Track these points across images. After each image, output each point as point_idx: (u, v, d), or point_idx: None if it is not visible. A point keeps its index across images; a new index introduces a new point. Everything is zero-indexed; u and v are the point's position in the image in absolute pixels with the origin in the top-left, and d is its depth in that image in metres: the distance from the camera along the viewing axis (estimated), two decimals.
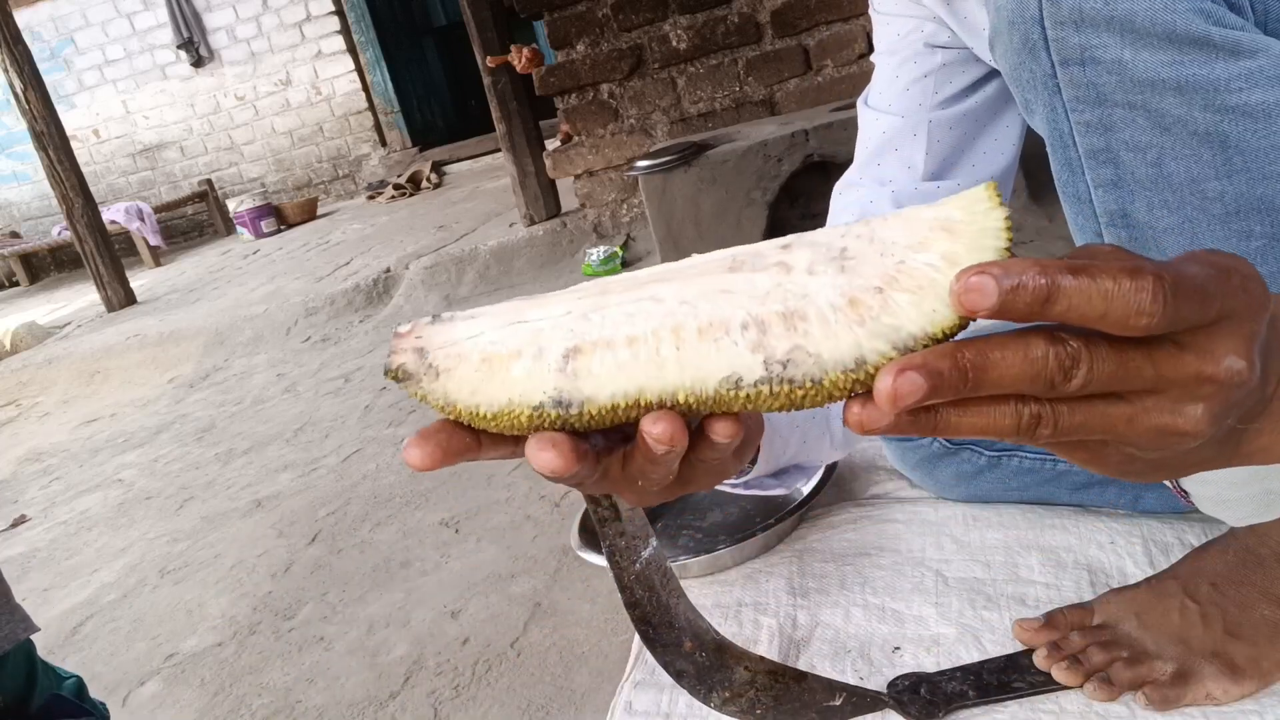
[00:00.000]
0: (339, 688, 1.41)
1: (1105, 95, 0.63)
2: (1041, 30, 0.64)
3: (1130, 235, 0.66)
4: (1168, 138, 0.62)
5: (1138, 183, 0.65)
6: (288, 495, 2.23)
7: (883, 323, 0.37)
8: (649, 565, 0.84)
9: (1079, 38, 0.62)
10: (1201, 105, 0.60)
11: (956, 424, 0.38)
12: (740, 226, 2.77)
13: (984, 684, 0.82)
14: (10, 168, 8.55)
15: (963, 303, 0.34)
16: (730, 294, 0.39)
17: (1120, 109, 0.63)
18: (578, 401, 0.39)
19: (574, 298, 0.42)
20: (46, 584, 2.14)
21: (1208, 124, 0.61)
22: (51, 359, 4.43)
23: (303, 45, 7.68)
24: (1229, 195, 0.62)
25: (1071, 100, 0.65)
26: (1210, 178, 0.62)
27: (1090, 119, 0.65)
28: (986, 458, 1.10)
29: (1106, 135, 0.65)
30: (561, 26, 3.40)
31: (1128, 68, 0.61)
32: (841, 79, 3.24)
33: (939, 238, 0.37)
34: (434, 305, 3.74)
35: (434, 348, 0.42)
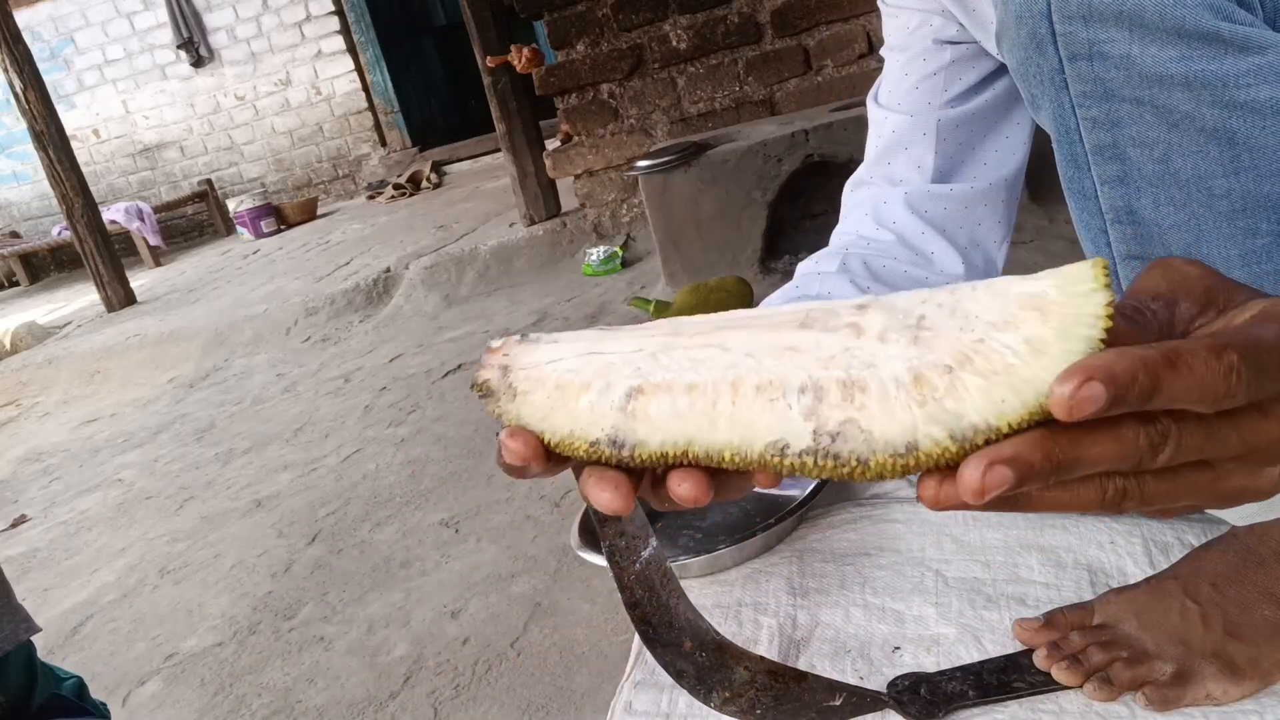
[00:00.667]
0: (339, 688, 1.41)
1: (1113, 91, 0.62)
2: (1049, 25, 0.63)
3: (1136, 231, 0.66)
4: (1175, 134, 0.62)
5: (1144, 179, 0.64)
6: (288, 495, 2.23)
7: (945, 407, 0.35)
8: (649, 565, 0.85)
9: (1087, 32, 0.61)
10: (1210, 101, 0.60)
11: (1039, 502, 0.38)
12: (740, 226, 2.77)
13: (984, 684, 0.82)
14: (10, 168, 8.54)
15: (1070, 411, 0.33)
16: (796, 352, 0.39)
17: (1128, 104, 0.62)
18: (630, 444, 0.41)
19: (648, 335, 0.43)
20: (46, 584, 2.14)
21: (1216, 120, 0.60)
22: (51, 359, 4.43)
23: (303, 45, 7.68)
24: (1235, 192, 0.62)
25: (1079, 95, 0.64)
26: (1217, 175, 0.62)
27: (1097, 114, 0.64)
28: None
29: (1113, 131, 0.64)
30: (561, 26, 3.40)
31: (1136, 63, 0.61)
32: (841, 79, 3.24)
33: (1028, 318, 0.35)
34: (434, 305, 3.74)
35: (517, 368, 0.44)
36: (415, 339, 3.37)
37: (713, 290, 2.47)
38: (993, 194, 0.95)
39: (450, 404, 2.55)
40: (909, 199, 0.95)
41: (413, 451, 2.27)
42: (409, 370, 2.99)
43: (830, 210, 3.20)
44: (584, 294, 3.25)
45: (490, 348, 0.45)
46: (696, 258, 2.83)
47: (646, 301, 2.56)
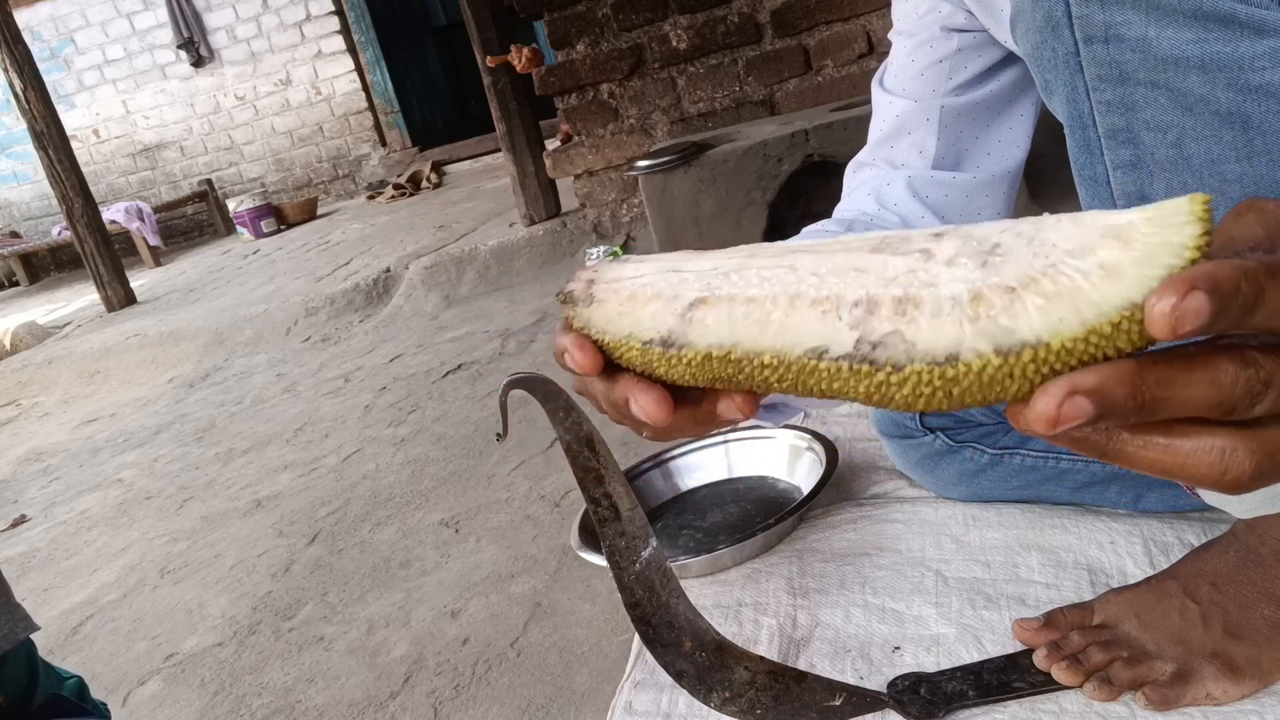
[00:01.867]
0: (339, 688, 1.41)
1: (1128, 74, 0.63)
2: (1065, 7, 0.63)
3: None
4: (1189, 118, 0.62)
5: (1157, 164, 0.64)
6: (288, 495, 2.23)
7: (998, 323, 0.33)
8: (649, 565, 0.85)
9: (1104, 14, 0.62)
10: (1225, 84, 0.60)
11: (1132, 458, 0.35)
12: (740, 226, 2.77)
13: (984, 684, 0.82)
14: (10, 168, 8.54)
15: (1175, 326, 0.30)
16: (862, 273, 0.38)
17: (1142, 88, 0.63)
18: (679, 345, 0.42)
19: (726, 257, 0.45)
20: (46, 584, 2.14)
21: (1230, 104, 0.60)
22: (51, 359, 4.43)
23: (303, 45, 7.68)
24: (1248, 177, 0.62)
25: (1093, 79, 0.64)
26: (1230, 160, 0.62)
27: (1111, 98, 0.64)
28: (989, 456, 1.10)
29: (1127, 115, 0.64)
30: (561, 26, 3.40)
31: (1152, 45, 0.61)
32: (841, 79, 3.24)
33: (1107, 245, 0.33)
34: (434, 305, 3.74)
35: (602, 281, 0.47)
36: (415, 339, 3.37)
37: None
38: (994, 186, 0.95)
39: (450, 404, 2.55)
40: (911, 182, 0.95)
41: (413, 451, 2.26)
42: (409, 370, 2.99)
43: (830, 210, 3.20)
44: None
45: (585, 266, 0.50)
46: None
47: None
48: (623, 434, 2.00)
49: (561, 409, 0.89)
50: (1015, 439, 1.10)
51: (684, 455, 1.58)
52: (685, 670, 0.84)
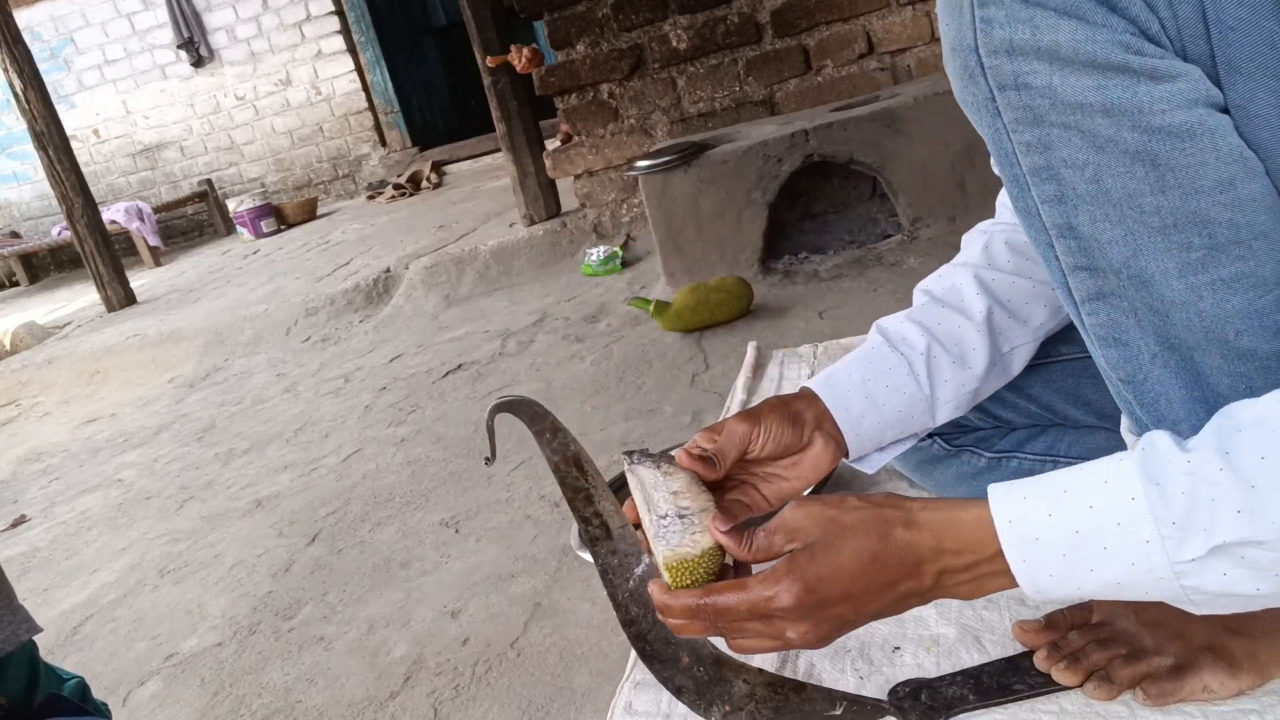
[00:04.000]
0: (339, 688, 1.41)
1: (1041, 117, 0.66)
2: (978, 57, 0.67)
3: (1078, 245, 0.70)
4: (1102, 156, 0.65)
5: (1079, 198, 0.68)
6: (288, 495, 2.23)
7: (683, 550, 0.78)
8: (642, 582, 0.85)
9: (1011, 65, 0.65)
10: (1129, 126, 0.63)
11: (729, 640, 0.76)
12: (740, 226, 2.77)
13: (984, 687, 0.82)
14: (10, 168, 8.54)
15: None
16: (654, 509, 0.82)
17: (1056, 129, 0.66)
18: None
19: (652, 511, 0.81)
20: (46, 584, 2.14)
21: (1137, 143, 0.64)
22: (51, 359, 4.43)
23: (303, 45, 7.68)
24: (1165, 209, 0.65)
25: (1012, 122, 0.68)
26: (1146, 193, 0.65)
27: (1030, 139, 0.68)
28: (986, 459, 1.11)
29: (1046, 154, 0.68)
30: (561, 26, 3.40)
31: (1058, 92, 0.65)
32: (841, 79, 3.24)
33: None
34: (434, 305, 3.74)
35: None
36: (415, 339, 3.37)
37: (713, 290, 2.47)
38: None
39: (450, 404, 2.55)
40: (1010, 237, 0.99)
41: (413, 451, 2.27)
42: (409, 370, 2.99)
43: (830, 210, 3.21)
44: (584, 294, 3.26)
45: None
46: (696, 258, 2.83)
47: (646, 302, 2.56)
48: (623, 433, 2.00)
49: (548, 431, 0.89)
50: (1012, 442, 1.10)
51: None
52: (684, 685, 0.85)
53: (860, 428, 0.93)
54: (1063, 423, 1.08)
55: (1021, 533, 0.64)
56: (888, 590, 0.69)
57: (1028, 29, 0.64)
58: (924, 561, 0.68)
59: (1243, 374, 0.69)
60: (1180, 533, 0.59)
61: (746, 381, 1.90)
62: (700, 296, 2.46)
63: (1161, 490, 0.60)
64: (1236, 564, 0.58)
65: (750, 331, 2.36)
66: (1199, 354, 0.69)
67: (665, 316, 2.50)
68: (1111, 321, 0.72)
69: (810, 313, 2.42)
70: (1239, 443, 0.59)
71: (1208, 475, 0.58)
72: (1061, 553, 0.63)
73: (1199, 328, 0.68)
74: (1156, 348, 0.71)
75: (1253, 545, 0.57)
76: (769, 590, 0.70)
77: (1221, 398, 0.69)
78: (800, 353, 2.00)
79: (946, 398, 0.95)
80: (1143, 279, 0.68)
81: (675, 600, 0.74)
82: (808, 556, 0.70)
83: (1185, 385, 0.71)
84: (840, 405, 0.93)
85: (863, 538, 0.69)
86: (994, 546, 0.65)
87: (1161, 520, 0.59)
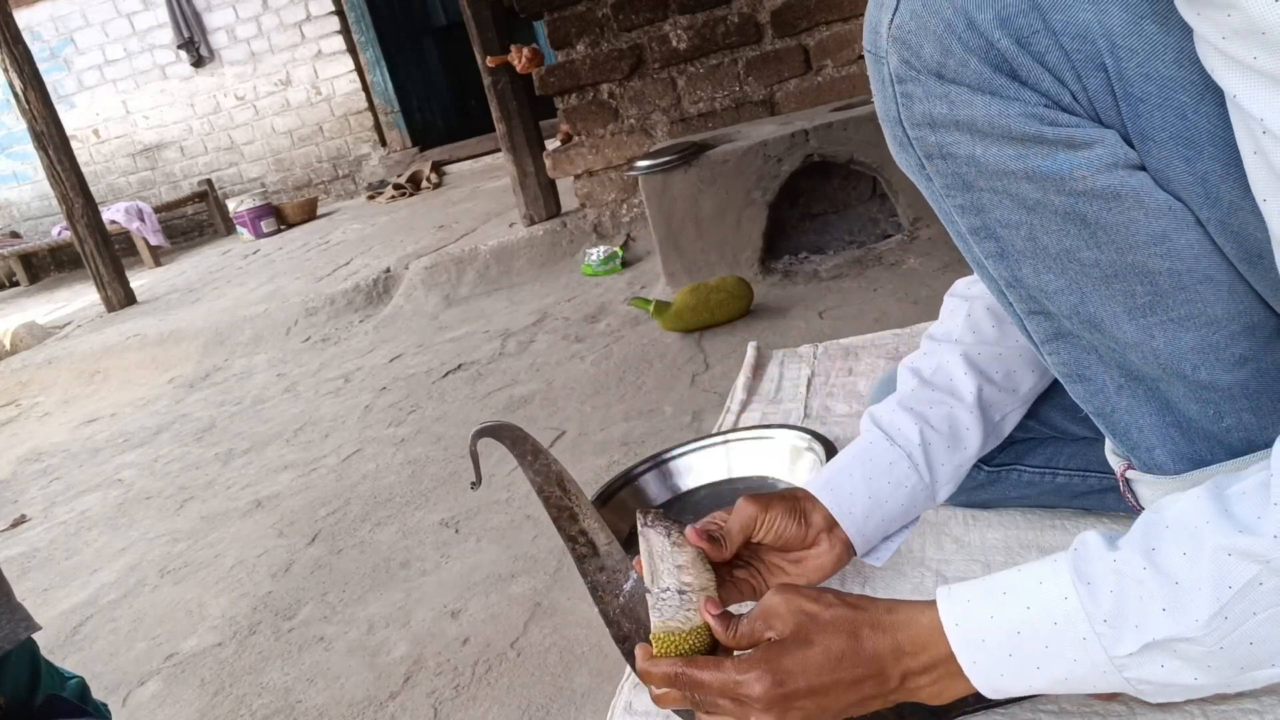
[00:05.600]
0: (339, 688, 1.41)
1: (969, 183, 0.68)
2: (903, 129, 0.69)
3: (1027, 294, 0.72)
4: (1034, 216, 0.67)
5: (1019, 253, 0.70)
6: (288, 495, 2.23)
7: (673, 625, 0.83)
8: (632, 598, 0.86)
9: (935, 136, 0.67)
10: (1055, 190, 0.65)
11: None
12: (740, 226, 2.77)
13: None
14: (10, 168, 8.54)
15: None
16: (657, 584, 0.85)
17: (986, 193, 0.68)
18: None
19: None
20: (46, 584, 2.14)
21: (1065, 206, 0.65)
22: (51, 359, 4.43)
23: (303, 45, 7.68)
24: (1104, 262, 0.66)
25: (943, 187, 0.70)
26: (1083, 248, 0.66)
27: (963, 202, 0.70)
28: (986, 472, 1.11)
29: (981, 215, 0.69)
30: (561, 26, 3.40)
31: (980, 161, 0.66)
32: (841, 79, 3.24)
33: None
34: (434, 305, 3.74)
35: None
36: (415, 339, 3.37)
37: (713, 290, 2.47)
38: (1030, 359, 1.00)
39: (450, 404, 2.55)
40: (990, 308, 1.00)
41: (413, 451, 2.27)
42: (409, 370, 2.99)
43: (830, 210, 3.21)
44: (584, 294, 3.26)
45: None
46: (696, 258, 2.83)
47: (646, 302, 2.56)
48: (623, 433, 2.00)
49: (529, 453, 0.90)
50: (1011, 455, 1.10)
51: (684, 456, 1.57)
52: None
53: (866, 528, 0.94)
54: (1060, 436, 1.08)
55: (968, 635, 0.67)
56: (853, 689, 0.71)
57: (944, 104, 0.65)
58: (887, 664, 0.70)
59: (1210, 400, 0.70)
60: (1113, 630, 0.61)
61: (746, 381, 1.90)
62: (700, 296, 2.46)
63: (1092, 589, 0.62)
64: (1171, 656, 0.60)
65: (750, 331, 2.36)
66: (1163, 385, 0.71)
67: (665, 316, 2.50)
68: (1073, 359, 0.74)
69: (810, 313, 2.42)
70: (1163, 541, 0.60)
71: (1132, 574, 0.61)
72: (1008, 653, 0.65)
73: (1156, 364, 0.69)
74: (1122, 380, 0.73)
75: (1183, 641, 0.59)
76: (741, 675, 0.72)
77: (1193, 422, 0.71)
78: (800, 353, 2.00)
79: (945, 479, 0.97)
80: (1093, 323, 0.70)
81: (655, 667, 0.78)
82: (780, 649, 0.72)
83: (1155, 412, 0.72)
84: (844, 510, 0.94)
85: (833, 636, 0.71)
86: (947, 649, 0.68)
87: (1094, 618, 0.61)
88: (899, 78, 0.67)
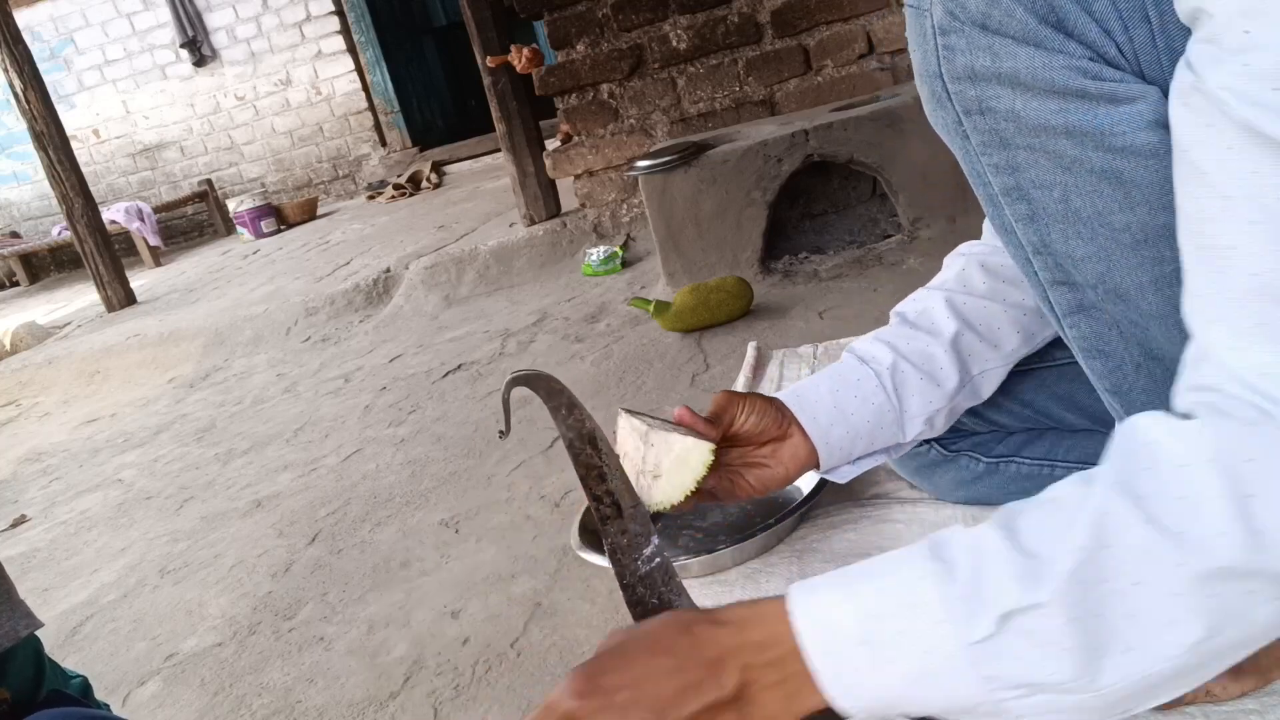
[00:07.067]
0: (339, 688, 1.41)
1: (1007, 140, 0.68)
2: (943, 83, 0.69)
3: (1054, 262, 0.71)
4: (1069, 176, 0.67)
5: (1050, 216, 0.69)
6: (288, 495, 2.24)
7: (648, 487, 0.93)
8: (651, 563, 0.85)
9: (975, 90, 0.67)
10: (1093, 147, 0.64)
11: None
12: (740, 226, 2.77)
13: None
14: (10, 168, 8.54)
15: None
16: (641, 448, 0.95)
17: (1023, 151, 0.67)
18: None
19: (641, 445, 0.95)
20: (46, 584, 2.14)
21: (1103, 163, 0.65)
22: (51, 359, 4.43)
23: (303, 45, 7.68)
24: (1135, 226, 0.66)
25: (980, 145, 0.70)
26: (1115, 210, 0.66)
27: (999, 161, 0.69)
28: (984, 464, 1.11)
29: (1015, 175, 0.69)
30: (561, 26, 3.40)
31: (1021, 116, 0.66)
32: (841, 79, 3.25)
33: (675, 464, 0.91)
34: (434, 305, 3.74)
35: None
36: (415, 339, 3.37)
37: (713, 290, 2.47)
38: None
39: (450, 404, 2.55)
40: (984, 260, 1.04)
41: (413, 451, 2.27)
42: (409, 370, 2.99)
43: (830, 210, 3.21)
44: (584, 294, 3.26)
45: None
46: (696, 258, 2.83)
47: (646, 302, 2.56)
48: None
49: (564, 406, 0.89)
50: (1009, 447, 1.10)
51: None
52: None
53: (830, 437, 0.95)
54: (1058, 427, 1.08)
55: (817, 620, 0.62)
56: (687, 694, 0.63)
57: (987, 56, 0.65)
58: (724, 656, 0.64)
59: None
60: (967, 606, 0.57)
61: (746, 381, 1.90)
62: (700, 296, 2.46)
63: (947, 567, 0.59)
64: (1026, 640, 0.55)
65: (750, 331, 2.36)
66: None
67: (665, 316, 2.50)
68: (1094, 333, 0.73)
69: (810, 313, 2.42)
70: (1022, 519, 0.59)
71: (987, 548, 0.58)
72: (860, 639, 0.60)
73: (1179, 339, 0.68)
74: (1140, 358, 0.72)
75: (1035, 611, 0.55)
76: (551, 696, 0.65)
77: None
78: (800, 353, 2.00)
79: (915, 411, 0.97)
80: (1119, 293, 0.69)
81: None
82: (592, 656, 0.68)
83: (1171, 394, 0.71)
84: (809, 415, 0.95)
85: (656, 627, 0.67)
86: (793, 641, 0.62)
87: (948, 597, 0.58)
88: (942, 29, 0.66)
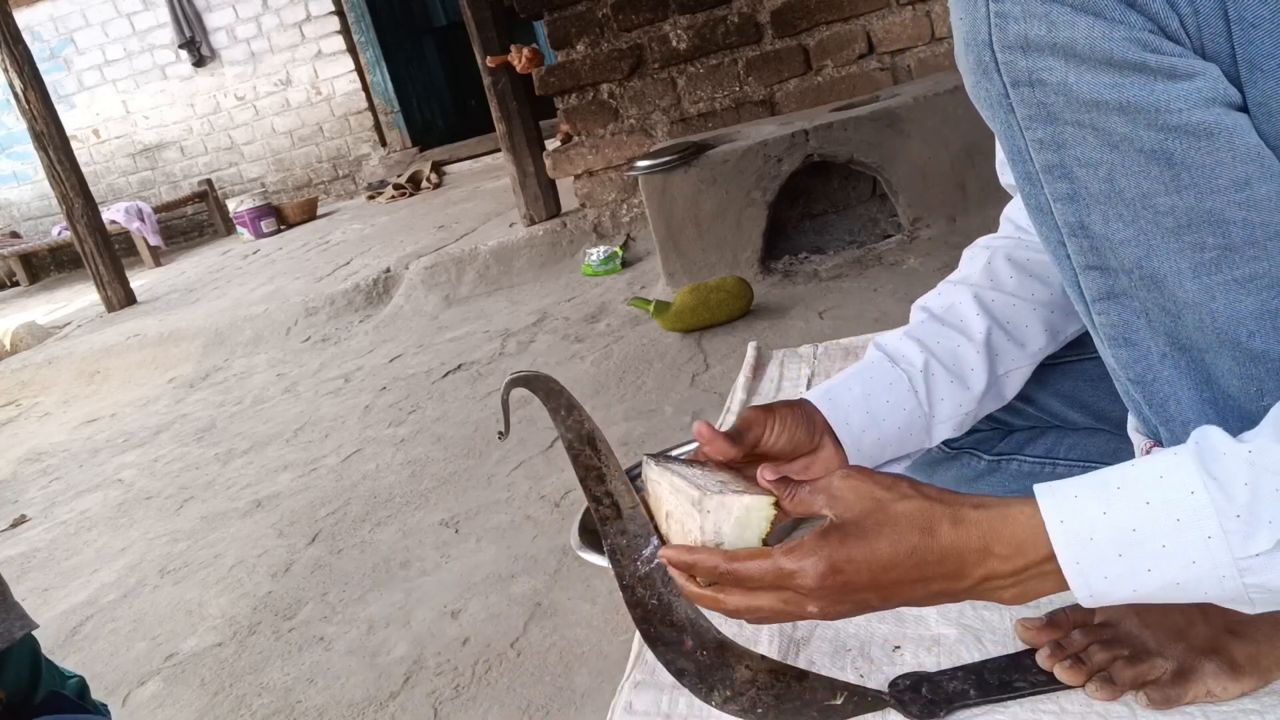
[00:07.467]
0: (339, 688, 1.41)
1: (1055, 114, 0.66)
2: (992, 53, 0.67)
3: (1090, 245, 0.70)
4: (1117, 154, 0.65)
5: (1092, 197, 0.67)
6: (288, 495, 2.23)
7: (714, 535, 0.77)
8: (651, 563, 0.85)
9: (1026, 61, 0.65)
10: (1145, 124, 0.63)
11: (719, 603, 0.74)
12: (740, 226, 2.77)
13: (985, 683, 0.82)
14: (10, 168, 8.54)
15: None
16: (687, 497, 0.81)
17: (1070, 127, 0.66)
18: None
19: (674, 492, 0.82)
20: (46, 584, 2.14)
21: (1153, 142, 0.63)
22: (51, 359, 4.43)
23: (303, 45, 7.68)
24: (1179, 209, 0.65)
25: (1025, 119, 0.68)
26: (1160, 193, 0.65)
27: (1043, 136, 0.67)
28: (986, 462, 1.10)
29: (1060, 152, 0.67)
30: (561, 26, 3.40)
31: (1073, 89, 0.64)
32: (841, 79, 3.24)
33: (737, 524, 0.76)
34: (434, 305, 3.74)
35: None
36: (415, 339, 3.37)
37: (713, 290, 2.47)
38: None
39: (450, 404, 2.55)
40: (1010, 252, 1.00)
41: (413, 451, 2.26)
42: (409, 370, 2.99)
43: (830, 210, 3.21)
44: (584, 294, 3.25)
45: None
46: (696, 258, 2.83)
47: (646, 302, 2.56)
48: (623, 433, 1.99)
49: (563, 407, 0.89)
50: (1011, 445, 1.10)
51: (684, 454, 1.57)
52: (686, 669, 0.84)
53: (861, 443, 0.92)
54: (1061, 425, 1.08)
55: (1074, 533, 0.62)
56: (920, 585, 0.67)
57: (1043, 25, 0.63)
58: (968, 565, 0.65)
59: (1254, 376, 0.68)
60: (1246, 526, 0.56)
61: (746, 381, 1.90)
62: (700, 296, 2.46)
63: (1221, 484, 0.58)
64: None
65: (750, 331, 2.36)
66: (1210, 355, 0.69)
67: (665, 316, 2.50)
68: (1122, 321, 0.72)
69: (810, 313, 2.42)
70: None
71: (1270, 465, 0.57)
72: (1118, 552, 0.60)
73: (1211, 329, 0.67)
74: (1166, 348, 0.71)
75: None
76: (793, 564, 0.68)
77: (1231, 400, 0.69)
78: (800, 353, 2.00)
79: (944, 416, 0.95)
80: (1155, 279, 0.68)
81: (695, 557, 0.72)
82: (840, 537, 0.67)
83: (1195, 387, 0.71)
84: (841, 419, 0.91)
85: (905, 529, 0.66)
86: (1045, 549, 0.62)
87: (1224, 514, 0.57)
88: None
